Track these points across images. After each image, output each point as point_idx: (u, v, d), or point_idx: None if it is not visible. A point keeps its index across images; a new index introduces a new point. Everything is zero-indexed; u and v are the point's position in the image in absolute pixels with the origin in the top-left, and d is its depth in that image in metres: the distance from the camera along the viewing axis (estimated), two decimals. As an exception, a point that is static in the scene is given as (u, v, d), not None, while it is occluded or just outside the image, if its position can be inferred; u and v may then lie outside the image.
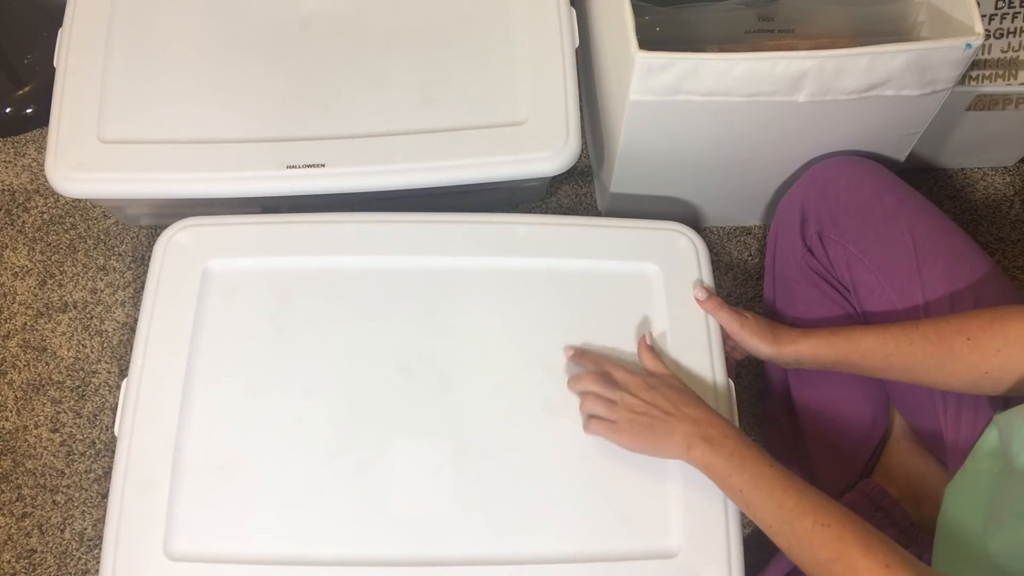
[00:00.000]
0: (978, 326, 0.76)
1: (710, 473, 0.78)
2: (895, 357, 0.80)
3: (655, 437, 0.80)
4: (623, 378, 0.85)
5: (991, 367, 0.75)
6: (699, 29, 1.03)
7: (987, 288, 0.85)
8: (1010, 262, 1.21)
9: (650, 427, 0.81)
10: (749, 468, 0.76)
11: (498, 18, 1.06)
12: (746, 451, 0.77)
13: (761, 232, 1.23)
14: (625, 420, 0.82)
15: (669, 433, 0.80)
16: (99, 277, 1.18)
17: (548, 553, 0.81)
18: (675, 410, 0.81)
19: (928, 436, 0.92)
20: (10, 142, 1.26)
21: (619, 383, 0.84)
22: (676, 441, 0.79)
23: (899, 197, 0.92)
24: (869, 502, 0.94)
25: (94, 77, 1.02)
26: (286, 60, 1.04)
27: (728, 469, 0.76)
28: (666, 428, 0.80)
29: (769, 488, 0.74)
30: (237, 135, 1.00)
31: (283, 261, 0.93)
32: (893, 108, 0.95)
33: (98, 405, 1.11)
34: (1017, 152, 1.25)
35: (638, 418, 0.81)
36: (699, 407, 0.81)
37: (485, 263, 0.93)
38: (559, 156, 0.99)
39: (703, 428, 0.79)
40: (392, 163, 0.99)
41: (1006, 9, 1.08)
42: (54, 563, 1.04)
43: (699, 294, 0.91)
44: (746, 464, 0.76)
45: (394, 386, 0.88)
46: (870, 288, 0.90)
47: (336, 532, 0.82)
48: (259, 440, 0.85)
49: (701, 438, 0.78)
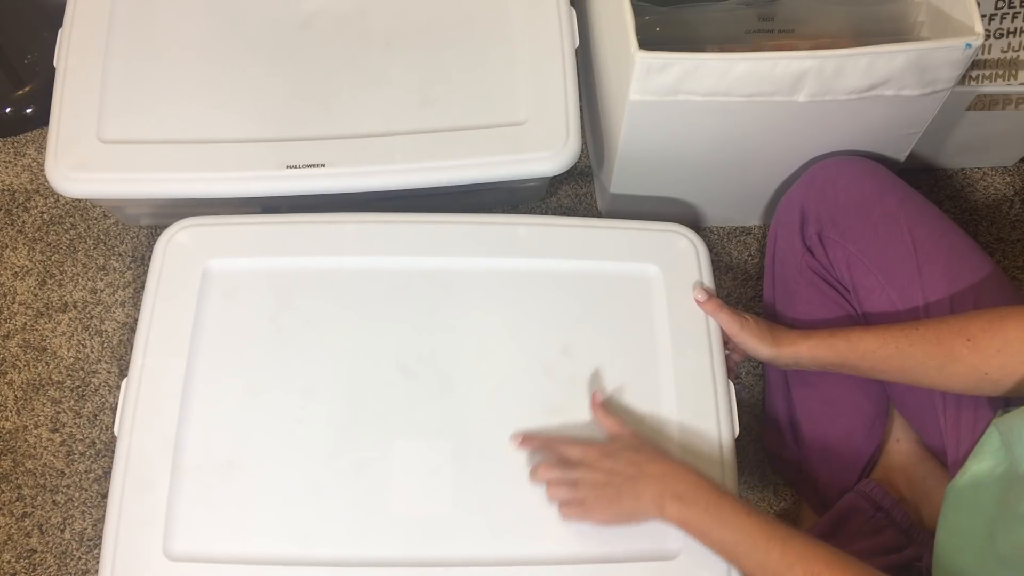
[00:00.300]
0: (978, 327, 0.76)
1: (689, 529, 0.76)
2: (895, 358, 0.80)
3: (624, 504, 0.78)
4: (579, 454, 0.82)
5: (991, 368, 0.75)
6: (699, 29, 1.03)
7: (987, 288, 0.85)
8: (1010, 262, 1.21)
9: (617, 497, 0.78)
10: (729, 521, 0.74)
11: (498, 18, 1.06)
12: (721, 501, 0.75)
13: (761, 232, 1.22)
14: (591, 497, 0.79)
15: (637, 497, 0.77)
16: (99, 277, 1.18)
17: (547, 554, 0.81)
18: (638, 472, 0.78)
19: (928, 437, 0.92)
20: (10, 142, 1.26)
21: (576, 460, 0.82)
22: (646, 503, 0.77)
23: (899, 197, 0.92)
24: (869, 502, 0.94)
25: (94, 77, 1.02)
26: (286, 60, 1.04)
27: (707, 523, 0.75)
28: (633, 493, 0.78)
29: (753, 540, 0.72)
30: (237, 135, 1.00)
31: (283, 261, 0.93)
32: (893, 108, 0.95)
33: (98, 405, 1.11)
34: (1017, 152, 1.25)
35: (604, 491, 0.79)
36: (662, 462, 0.79)
37: (485, 264, 0.93)
38: (559, 156, 0.99)
39: (671, 484, 0.77)
40: (392, 163, 0.99)
41: (1006, 9, 1.08)
42: (54, 563, 1.04)
43: (699, 295, 0.91)
44: (724, 516, 0.74)
45: (394, 386, 0.88)
46: (870, 288, 0.90)
47: (335, 532, 0.82)
48: (259, 440, 0.85)
49: (672, 496, 0.76)
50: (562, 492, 0.81)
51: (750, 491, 1.09)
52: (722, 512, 0.75)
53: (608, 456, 0.81)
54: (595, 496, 0.79)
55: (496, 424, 0.86)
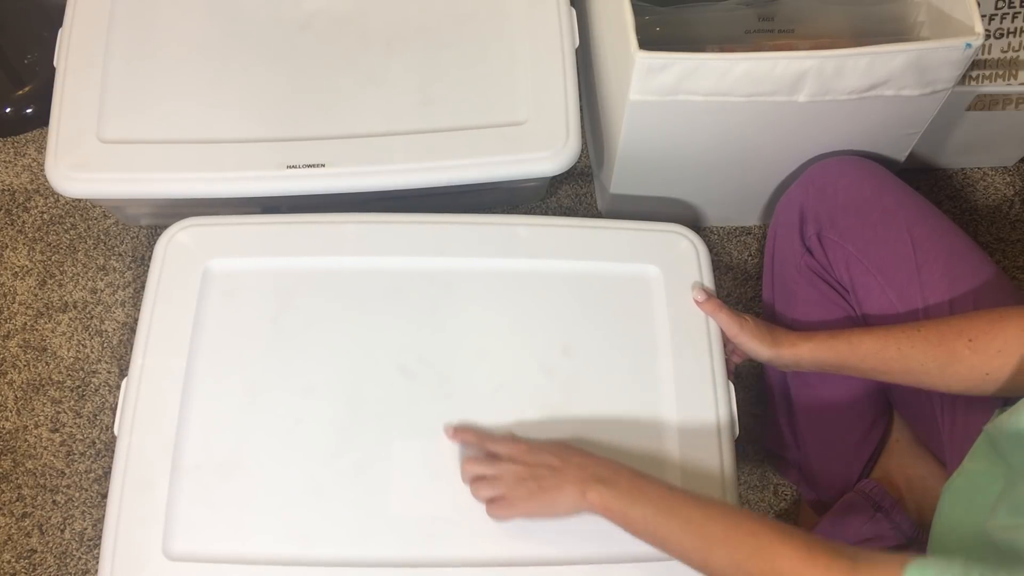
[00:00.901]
0: (979, 328, 0.76)
1: (610, 514, 0.75)
2: (896, 360, 0.80)
3: (546, 495, 0.77)
4: (504, 449, 0.82)
5: (992, 368, 0.75)
6: (699, 29, 1.03)
7: (987, 288, 0.85)
8: (1010, 262, 1.21)
9: (539, 488, 0.78)
10: (649, 495, 0.74)
11: (498, 18, 1.06)
12: (641, 481, 0.75)
13: (761, 232, 1.22)
14: (514, 491, 0.79)
15: (559, 487, 0.77)
16: (99, 277, 1.18)
17: (547, 554, 0.81)
18: (561, 462, 0.78)
19: (927, 437, 0.92)
20: (10, 142, 1.26)
21: (501, 455, 0.82)
22: (568, 492, 0.76)
23: (898, 197, 0.92)
24: (869, 502, 0.94)
25: (94, 77, 1.02)
26: (286, 60, 1.04)
27: (627, 503, 0.74)
28: (555, 483, 0.77)
29: (671, 508, 0.73)
30: (237, 135, 1.00)
31: (283, 261, 0.93)
32: (893, 108, 0.95)
33: (98, 405, 1.11)
34: (1017, 152, 1.25)
35: (525, 483, 0.79)
36: (586, 455, 0.79)
37: (485, 264, 0.93)
38: (559, 156, 0.99)
39: (592, 470, 0.77)
40: (392, 163, 0.99)
41: (1006, 9, 1.08)
42: (54, 563, 1.04)
43: (698, 296, 0.91)
44: (645, 493, 0.74)
45: (394, 387, 0.88)
46: (869, 289, 0.90)
47: (335, 532, 0.82)
48: (259, 440, 0.85)
49: (593, 480, 0.76)
50: (484, 490, 0.81)
51: (750, 491, 1.09)
52: (642, 489, 0.75)
53: (533, 451, 0.81)
54: (517, 489, 0.79)
55: (496, 424, 0.86)
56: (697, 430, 0.86)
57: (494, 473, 0.81)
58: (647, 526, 0.73)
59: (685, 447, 0.86)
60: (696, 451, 0.85)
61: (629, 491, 0.75)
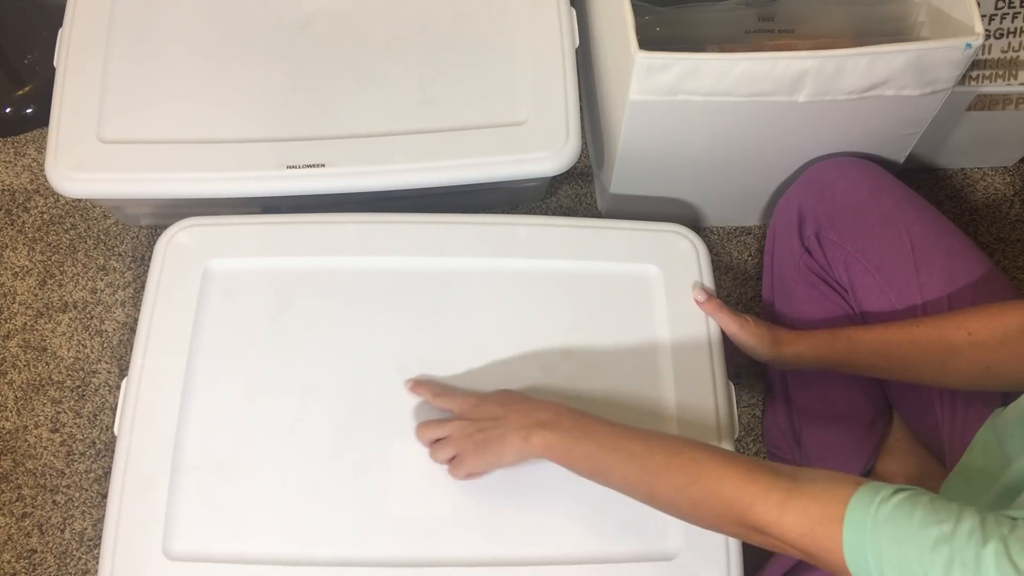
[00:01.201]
0: (978, 320, 0.76)
1: (553, 455, 0.75)
2: (895, 356, 0.80)
3: (492, 447, 0.78)
4: (454, 406, 0.83)
5: (992, 361, 0.75)
6: (699, 29, 1.03)
7: (985, 287, 0.85)
8: (1010, 262, 1.21)
9: (484, 441, 0.78)
10: (591, 432, 0.74)
11: (498, 18, 1.06)
12: (584, 420, 0.76)
13: (761, 232, 1.22)
14: (462, 447, 0.80)
15: (503, 437, 0.77)
16: (99, 277, 1.18)
17: (546, 555, 0.81)
18: (505, 411, 0.79)
19: (926, 435, 0.92)
20: (10, 142, 1.26)
21: (451, 416, 0.83)
22: (512, 440, 0.77)
23: (896, 198, 0.92)
24: (869, 502, 0.94)
25: (94, 77, 1.02)
26: (286, 60, 1.04)
27: (570, 442, 0.74)
28: (499, 433, 0.78)
29: (614, 443, 0.73)
30: (237, 135, 1.00)
31: (283, 261, 0.93)
32: (893, 108, 0.95)
33: (98, 405, 1.11)
34: (1017, 152, 1.25)
35: (472, 436, 0.79)
36: (529, 401, 0.80)
37: (485, 264, 0.93)
38: (559, 156, 0.99)
39: (534, 415, 0.77)
40: (392, 163, 0.99)
41: (1006, 9, 1.08)
42: (54, 563, 1.04)
43: (698, 296, 0.91)
44: (587, 430, 0.74)
45: (394, 387, 0.88)
46: (868, 288, 0.90)
47: (335, 532, 0.82)
48: (258, 440, 0.85)
49: (536, 425, 0.76)
50: (439, 452, 0.82)
51: (750, 491, 1.09)
52: (584, 428, 0.75)
53: (478, 404, 0.81)
54: (466, 445, 0.79)
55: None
56: (697, 430, 0.86)
57: (444, 433, 0.82)
58: (591, 463, 0.74)
59: (685, 447, 0.86)
60: (696, 451, 0.85)
61: (571, 430, 0.75)
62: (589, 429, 0.75)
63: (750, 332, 0.87)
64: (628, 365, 0.89)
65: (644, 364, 0.90)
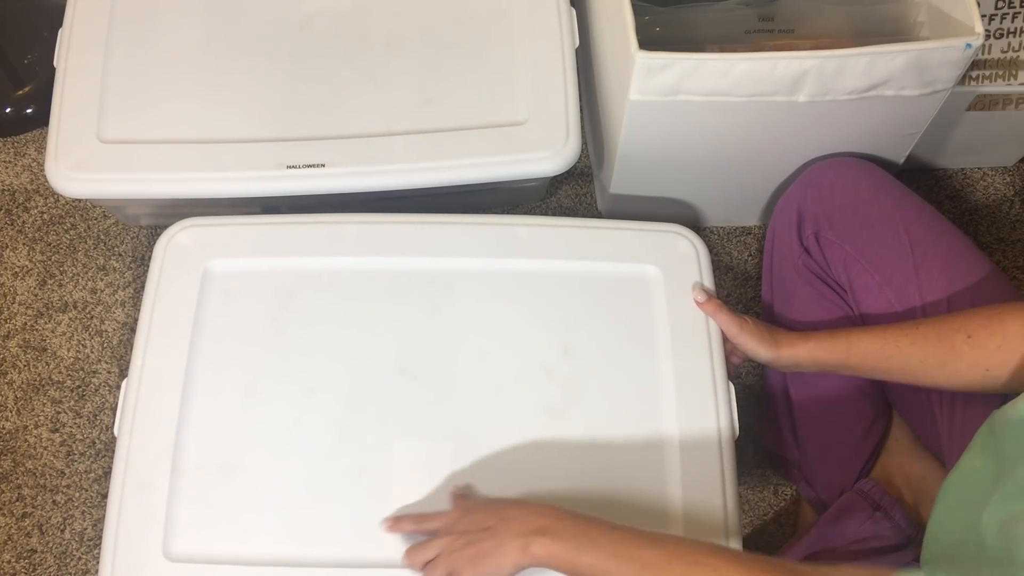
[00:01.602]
0: (978, 323, 0.76)
1: (558, 564, 0.70)
2: (895, 358, 0.80)
3: (487, 559, 0.72)
4: (439, 524, 0.78)
5: (992, 364, 0.75)
6: (699, 29, 1.03)
7: (985, 288, 0.85)
8: (1010, 262, 1.21)
9: (477, 555, 0.73)
10: (597, 541, 0.70)
11: (498, 18, 1.06)
12: (587, 526, 0.71)
13: (761, 232, 1.23)
14: (454, 564, 0.74)
15: (499, 547, 0.72)
16: (99, 277, 1.18)
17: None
18: (496, 518, 0.74)
19: (926, 436, 0.92)
20: (10, 142, 1.26)
21: (438, 531, 0.77)
22: (509, 549, 0.72)
23: (895, 198, 0.92)
24: (868, 501, 0.94)
25: (94, 77, 1.02)
26: (286, 60, 1.04)
27: (574, 551, 0.69)
28: (493, 544, 0.72)
29: (626, 552, 0.68)
30: (237, 135, 1.00)
31: (283, 262, 0.93)
32: (893, 108, 0.95)
33: (98, 405, 1.11)
34: (1017, 152, 1.25)
35: (463, 551, 0.73)
36: (520, 506, 0.75)
37: (485, 264, 0.93)
38: (559, 156, 0.99)
39: (532, 522, 0.72)
40: (392, 163, 0.99)
41: (1006, 9, 1.08)
42: (54, 563, 1.04)
43: (698, 296, 0.90)
44: (592, 539, 0.70)
45: (394, 388, 0.88)
46: (867, 288, 0.90)
47: (335, 533, 0.82)
48: (258, 441, 0.85)
49: (534, 532, 0.71)
50: (433, 572, 0.75)
51: (750, 491, 1.09)
52: (589, 534, 0.70)
53: (465, 514, 0.77)
54: (458, 562, 0.74)
55: (496, 425, 0.86)
56: (697, 430, 0.86)
57: (433, 553, 0.76)
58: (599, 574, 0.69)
59: (685, 447, 0.86)
60: (696, 451, 0.85)
61: (574, 537, 0.70)
62: (594, 538, 0.70)
63: (750, 333, 0.87)
64: (628, 365, 0.89)
65: (644, 364, 0.89)
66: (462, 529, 0.76)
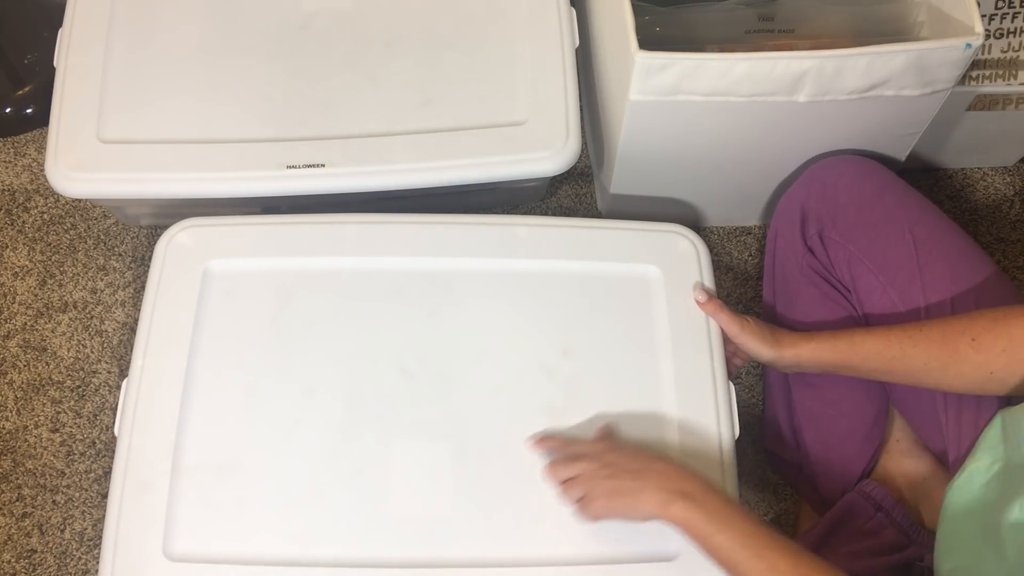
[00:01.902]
0: (982, 327, 0.76)
1: (690, 531, 0.73)
2: (898, 360, 0.80)
3: (625, 498, 0.76)
4: (585, 450, 0.81)
5: (996, 367, 0.75)
6: (699, 29, 1.03)
7: (988, 288, 0.85)
8: (1010, 262, 1.21)
9: (617, 489, 0.76)
10: (736, 525, 0.72)
11: (498, 18, 1.06)
12: (730, 507, 0.73)
13: (761, 232, 1.22)
14: (592, 488, 0.78)
15: (639, 492, 0.75)
16: (99, 277, 1.18)
17: (547, 556, 0.81)
18: (643, 467, 0.77)
19: (928, 437, 0.92)
20: (10, 142, 1.26)
21: (582, 455, 0.81)
22: (650, 499, 0.74)
23: (900, 197, 0.92)
24: (869, 502, 0.94)
25: (94, 77, 1.02)
26: (286, 60, 1.04)
27: (711, 527, 0.72)
28: (635, 487, 0.75)
29: (758, 548, 0.70)
30: (237, 135, 1.00)
31: (283, 262, 0.93)
32: (893, 108, 0.95)
33: (98, 405, 1.11)
34: (1017, 152, 1.25)
35: (604, 483, 0.77)
36: (670, 463, 0.78)
37: (486, 264, 0.93)
38: (559, 156, 0.99)
39: (679, 483, 0.75)
40: (392, 163, 0.99)
41: (1006, 9, 1.08)
42: (54, 563, 1.04)
43: (699, 296, 0.90)
44: (732, 521, 0.72)
45: (394, 387, 0.88)
46: (870, 289, 0.90)
47: (335, 533, 0.82)
48: (259, 441, 0.85)
49: (678, 494, 0.74)
50: (570, 491, 0.80)
51: (750, 491, 1.09)
52: (731, 517, 0.72)
53: (613, 450, 0.80)
54: (596, 488, 0.78)
55: (496, 425, 0.86)
56: (697, 430, 0.86)
57: (574, 472, 0.80)
58: (727, 557, 0.71)
59: (685, 447, 0.86)
60: (696, 451, 0.85)
61: (714, 513, 0.73)
62: (734, 522, 0.72)
63: (751, 333, 0.87)
64: (628, 365, 0.89)
65: (644, 364, 0.90)
66: (608, 461, 0.78)
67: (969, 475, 0.76)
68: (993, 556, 0.69)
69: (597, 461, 0.79)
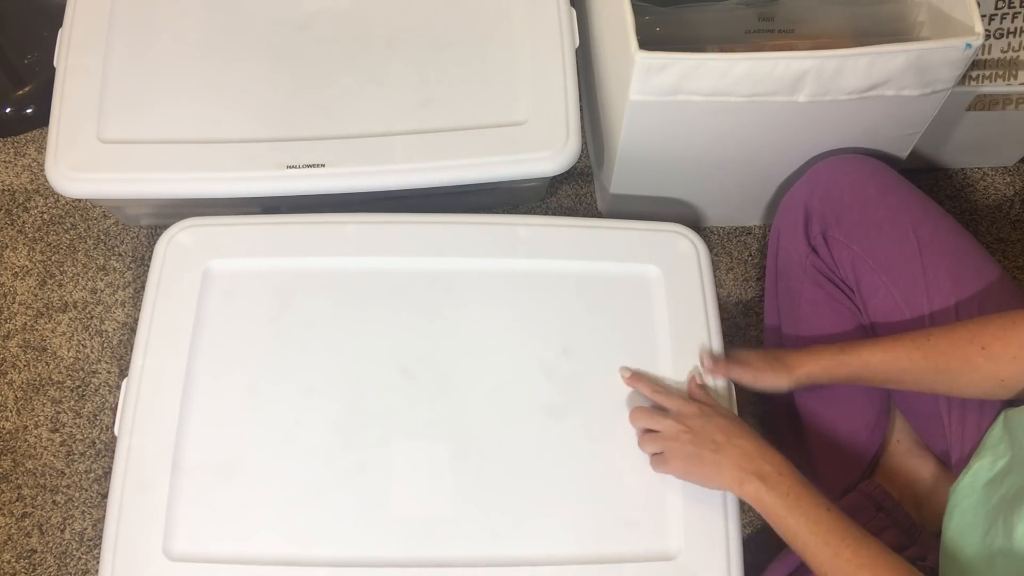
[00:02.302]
0: (991, 334, 0.76)
1: (763, 510, 0.76)
2: (908, 371, 0.80)
3: (704, 468, 0.79)
4: (673, 406, 0.84)
5: (1007, 375, 0.75)
6: (699, 29, 1.03)
7: (992, 289, 0.84)
8: (1010, 262, 1.21)
9: (697, 456, 0.79)
10: (806, 511, 0.74)
11: (498, 18, 1.06)
12: (802, 491, 0.75)
13: (761, 232, 1.22)
14: (671, 448, 0.81)
15: (718, 465, 0.78)
16: (99, 277, 1.18)
17: (547, 555, 0.81)
18: (726, 440, 0.79)
19: (930, 438, 0.92)
20: (10, 142, 1.26)
21: (669, 412, 0.83)
22: (727, 475, 0.78)
23: (903, 197, 0.91)
24: (871, 503, 0.94)
25: (94, 77, 1.02)
26: (286, 60, 1.04)
27: (784, 510, 0.75)
28: (715, 459, 0.78)
29: (826, 535, 0.72)
30: (237, 135, 1.00)
31: (284, 262, 0.93)
32: (893, 108, 0.95)
33: (98, 405, 1.11)
34: (1017, 152, 1.25)
35: (685, 445, 0.80)
36: (752, 440, 0.79)
37: (486, 264, 0.93)
38: (559, 156, 0.99)
39: (757, 463, 0.77)
40: (392, 163, 0.99)
41: (1006, 9, 1.08)
42: (54, 563, 1.04)
43: (707, 363, 0.89)
44: (803, 506, 0.74)
45: (394, 387, 0.88)
46: (874, 289, 0.90)
47: (335, 533, 0.82)
48: (259, 441, 0.85)
49: (755, 474, 0.76)
50: (648, 444, 0.83)
51: (750, 491, 1.09)
52: (801, 501, 0.74)
53: (700, 416, 0.81)
54: (676, 450, 0.81)
55: (496, 425, 0.86)
56: (697, 430, 0.86)
57: (658, 427, 0.83)
58: (797, 539, 0.74)
59: (685, 447, 0.86)
60: (696, 451, 0.85)
61: (788, 496, 0.75)
62: (806, 507, 0.74)
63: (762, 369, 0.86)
64: (628, 365, 0.89)
65: (644, 364, 0.90)
66: (692, 426, 0.81)
67: (973, 475, 0.76)
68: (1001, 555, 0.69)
69: (683, 423, 0.81)
